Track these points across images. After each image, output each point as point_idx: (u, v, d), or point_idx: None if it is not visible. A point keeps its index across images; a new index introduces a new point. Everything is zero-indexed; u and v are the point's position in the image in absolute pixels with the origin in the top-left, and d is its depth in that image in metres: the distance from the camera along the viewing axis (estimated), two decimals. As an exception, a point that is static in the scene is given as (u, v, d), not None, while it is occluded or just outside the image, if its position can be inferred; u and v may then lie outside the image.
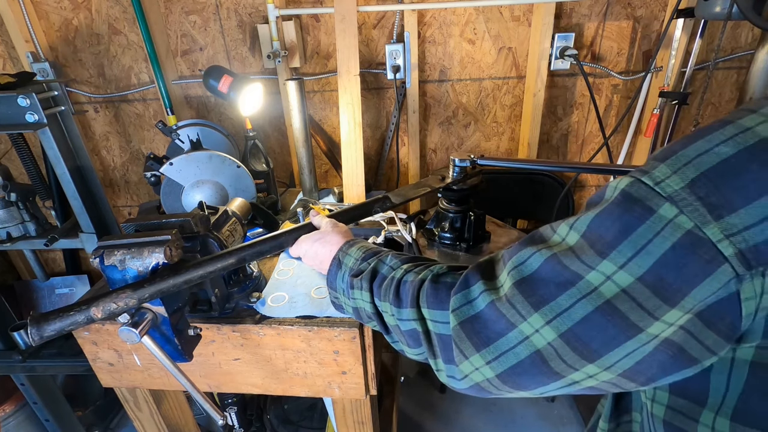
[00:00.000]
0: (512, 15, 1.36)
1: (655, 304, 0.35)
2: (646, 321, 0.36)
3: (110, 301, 0.60)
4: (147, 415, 1.08)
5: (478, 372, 0.46)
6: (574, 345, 0.39)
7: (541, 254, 0.42)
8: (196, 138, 1.14)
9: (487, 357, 0.45)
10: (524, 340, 0.42)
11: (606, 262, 0.37)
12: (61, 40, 1.46)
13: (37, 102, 0.98)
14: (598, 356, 0.39)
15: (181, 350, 0.71)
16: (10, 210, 1.21)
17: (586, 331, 0.38)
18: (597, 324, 0.38)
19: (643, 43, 1.37)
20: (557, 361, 0.41)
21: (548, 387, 0.44)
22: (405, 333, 0.56)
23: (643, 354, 0.37)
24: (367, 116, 1.53)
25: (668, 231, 0.34)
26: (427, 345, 0.52)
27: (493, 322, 0.44)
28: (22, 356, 1.23)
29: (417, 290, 0.54)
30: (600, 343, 0.38)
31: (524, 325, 0.42)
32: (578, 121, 1.51)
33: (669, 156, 0.36)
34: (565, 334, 0.39)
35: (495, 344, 0.44)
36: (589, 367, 0.40)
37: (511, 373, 0.44)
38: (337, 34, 1.18)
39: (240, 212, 0.89)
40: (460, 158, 0.93)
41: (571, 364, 0.40)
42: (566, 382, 0.42)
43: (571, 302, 0.39)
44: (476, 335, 0.45)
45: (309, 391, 0.90)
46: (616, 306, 0.37)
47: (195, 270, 0.65)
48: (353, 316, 0.68)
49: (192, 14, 1.41)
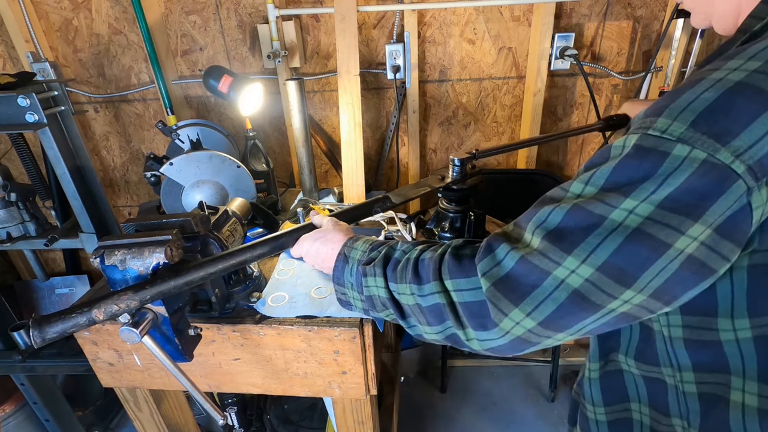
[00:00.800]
0: (512, 15, 1.36)
1: (680, 221, 0.40)
2: (674, 236, 0.40)
3: (112, 303, 0.60)
4: (147, 415, 1.08)
5: (519, 326, 0.48)
6: (611, 273, 0.43)
7: (561, 208, 0.46)
8: (196, 138, 1.14)
9: (527, 309, 0.47)
10: (560, 284, 0.45)
11: (629, 199, 0.42)
12: (61, 40, 1.46)
13: (37, 102, 0.98)
14: (634, 279, 0.42)
15: (182, 350, 0.71)
16: (10, 210, 1.21)
17: (620, 260, 0.42)
18: (629, 251, 0.42)
19: (643, 43, 1.38)
20: (597, 294, 0.44)
21: (586, 322, 0.46)
22: (426, 310, 0.56)
23: (671, 271, 0.42)
24: (367, 116, 1.53)
25: (686, 164, 0.40)
26: (453, 317, 0.53)
27: (526, 275, 0.47)
28: (22, 356, 1.23)
29: (438, 264, 0.55)
30: (635, 266, 0.42)
31: (559, 270, 0.45)
32: (578, 121, 1.51)
33: (662, 110, 0.42)
34: (601, 267, 0.43)
35: (532, 295, 0.46)
36: (627, 292, 0.43)
37: (552, 317, 0.46)
38: (337, 34, 1.18)
39: (240, 212, 0.89)
40: (460, 157, 0.93)
41: (611, 292, 0.44)
42: (603, 312, 0.45)
43: (601, 239, 0.43)
44: (512, 292, 0.47)
45: (309, 391, 0.90)
46: (644, 230, 0.41)
47: (196, 271, 0.65)
48: (363, 309, 0.67)
49: (192, 14, 1.41)
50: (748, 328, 0.46)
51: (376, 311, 0.65)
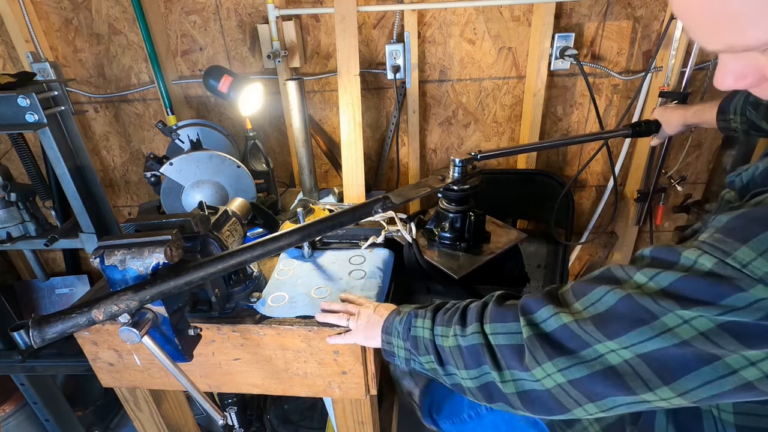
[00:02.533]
0: (512, 15, 1.36)
1: (737, 346, 0.39)
2: (723, 351, 0.40)
3: (112, 303, 0.60)
4: (147, 415, 1.08)
5: (550, 378, 0.50)
6: (651, 365, 0.43)
7: (616, 293, 0.46)
8: (196, 138, 1.14)
9: (560, 365, 0.49)
10: (599, 357, 0.46)
11: (687, 311, 0.41)
12: (61, 40, 1.46)
13: (37, 102, 0.98)
14: (672, 379, 0.43)
15: (182, 350, 0.71)
16: (10, 210, 1.21)
17: (662, 357, 0.43)
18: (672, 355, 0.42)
19: (643, 43, 1.37)
20: (634, 378, 0.44)
21: (618, 400, 0.46)
22: (465, 350, 0.58)
23: (721, 389, 0.41)
24: (367, 116, 1.53)
25: (760, 305, 0.38)
26: (490, 358, 0.56)
27: (567, 340, 0.48)
28: (22, 356, 1.23)
29: (481, 310, 0.60)
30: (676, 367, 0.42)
31: (600, 346, 0.46)
32: (578, 121, 1.51)
33: (750, 238, 0.39)
34: (643, 355, 0.44)
35: (569, 356, 0.48)
36: (665, 390, 0.43)
37: (584, 381, 0.47)
38: (337, 34, 1.18)
39: (240, 212, 0.89)
40: (461, 158, 0.93)
41: (647, 381, 0.44)
42: (637, 399, 0.45)
43: (646, 337, 0.43)
44: (549, 346, 0.49)
45: (309, 391, 0.90)
46: (691, 343, 0.41)
47: (196, 271, 0.65)
48: (405, 359, 0.70)
49: (192, 14, 1.41)
50: None
51: (417, 355, 0.67)
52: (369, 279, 0.94)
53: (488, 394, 0.57)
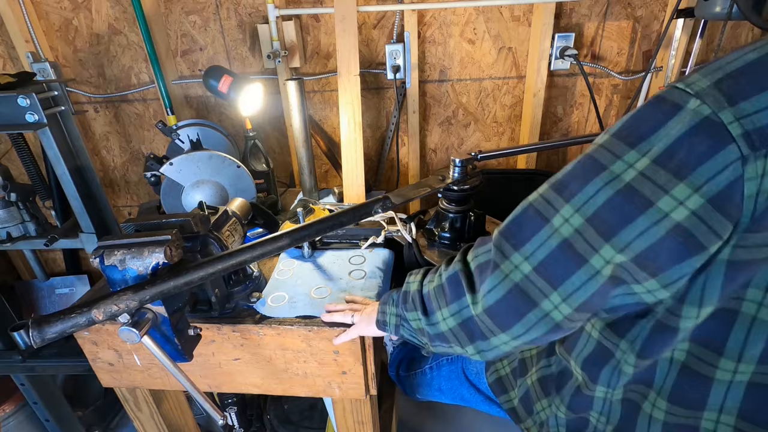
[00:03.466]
0: (512, 15, 1.36)
1: (666, 178, 0.39)
2: (657, 194, 0.40)
3: (111, 303, 0.61)
4: (147, 415, 1.08)
5: (518, 270, 0.51)
6: (596, 225, 0.44)
7: (576, 159, 0.48)
8: (196, 138, 1.14)
9: (526, 253, 0.50)
10: (554, 233, 0.47)
11: (633, 151, 0.42)
12: (61, 40, 1.46)
13: (37, 102, 0.98)
14: (613, 234, 0.43)
15: (181, 350, 0.71)
16: (10, 210, 1.21)
17: (606, 212, 0.43)
18: (616, 205, 0.42)
19: (643, 43, 1.37)
20: (581, 243, 0.45)
21: (574, 278, 0.47)
22: (447, 283, 0.61)
23: (655, 236, 0.40)
24: (367, 116, 1.53)
25: (688, 118, 0.38)
26: (466, 282, 0.57)
27: (529, 220, 0.50)
28: (22, 356, 1.23)
29: (468, 248, 0.62)
30: (617, 220, 0.42)
31: (556, 218, 0.47)
32: (578, 121, 1.51)
33: (704, 67, 0.40)
34: (590, 217, 0.44)
35: (531, 240, 0.50)
36: (606, 248, 0.44)
37: (546, 263, 0.48)
38: (337, 34, 1.18)
39: (240, 212, 0.89)
40: (461, 158, 0.93)
41: (592, 243, 0.45)
42: (588, 270, 0.46)
43: (596, 189, 0.44)
44: (513, 237, 0.52)
45: (309, 391, 0.90)
46: (633, 186, 0.41)
47: (196, 271, 0.65)
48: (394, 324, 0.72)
49: (192, 14, 1.41)
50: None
51: (406, 313, 0.69)
52: (369, 279, 0.94)
53: (469, 332, 0.58)
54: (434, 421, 1.66)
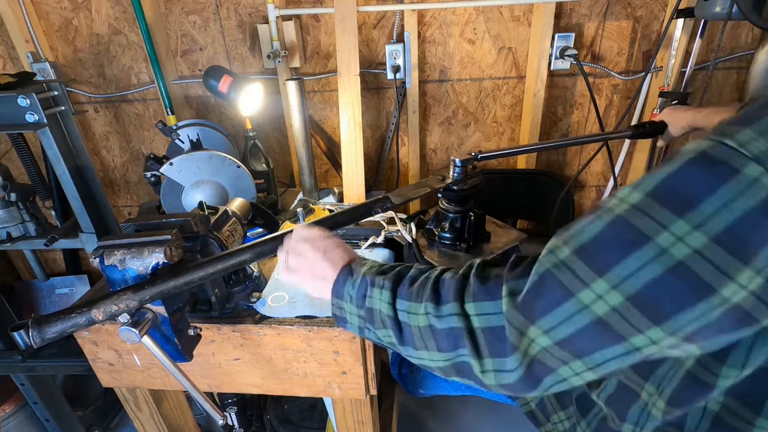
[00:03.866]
0: (512, 15, 1.36)
1: (730, 264, 0.34)
2: (721, 281, 0.35)
3: (111, 303, 0.61)
4: (147, 415, 1.08)
5: (534, 343, 0.44)
6: (641, 307, 0.38)
7: (601, 219, 0.40)
8: (196, 138, 1.14)
9: (544, 326, 0.43)
10: (583, 309, 0.40)
11: (681, 221, 0.36)
12: (61, 40, 1.46)
13: (37, 102, 0.98)
14: (666, 318, 0.37)
15: (181, 350, 0.71)
16: (10, 210, 1.21)
17: (655, 293, 0.37)
18: (668, 286, 0.37)
19: (643, 43, 1.37)
20: (622, 324, 0.39)
21: (607, 353, 0.41)
22: (441, 333, 0.51)
23: (710, 319, 0.36)
24: (367, 116, 1.53)
25: (753, 190, 0.33)
26: (470, 344, 0.49)
27: (547, 292, 0.42)
28: (22, 356, 1.23)
29: (460, 285, 0.51)
30: (669, 302, 0.37)
31: (585, 293, 0.40)
32: (578, 121, 1.51)
33: (753, 121, 0.35)
34: (632, 297, 0.38)
35: (552, 313, 0.42)
36: (655, 330, 0.38)
37: (570, 338, 0.42)
38: (337, 34, 1.18)
39: (240, 212, 0.89)
40: (461, 158, 0.93)
41: (636, 325, 0.39)
42: (627, 347, 0.40)
43: (639, 265, 0.37)
44: (530, 310, 0.44)
45: (309, 391, 0.90)
46: (688, 267, 0.36)
47: (195, 271, 0.65)
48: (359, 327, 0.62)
49: (192, 14, 1.41)
50: None
51: (373, 327, 0.59)
52: (369, 279, 0.94)
53: (461, 373, 0.52)
54: (434, 420, 1.66)
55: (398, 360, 1.27)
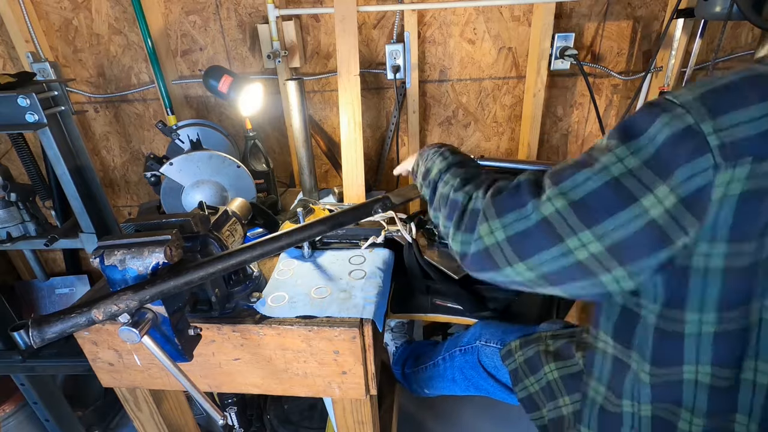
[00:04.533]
0: (512, 15, 1.36)
1: (651, 178, 0.44)
2: (642, 192, 0.44)
3: (111, 303, 0.61)
4: (147, 415, 1.08)
5: (492, 235, 0.55)
6: (579, 212, 0.47)
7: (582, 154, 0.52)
8: (196, 138, 1.14)
9: (505, 221, 0.53)
10: (536, 210, 0.51)
11: (623, 147, 0.46)
12: (61, 40, 1.46)
13: (37, 102, 0.98)
14: (596, 222, 0.47)
15: (182, 350, 0.71)
16: (10, 210, 1.21)
17: (592, 201, 0.47)
18: (603, 195, 0.46)
19: (643, 43, 1.37)
20: (562, 225, 0.49)
21: (544, 254, 0.51)
22: (450, 202, 0.64)
23: (632, 229, 0.45)
24: (367, 116, 1.53)
25: (674, 123, 0.43)
26: (457, 217, 0.61)
27: (519, 195, 0.53)
28: (22, 356, 1.23)
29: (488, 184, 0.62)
30: (602, 209, 0.46)
31: (541, 198, 0.51)
32: (578, 121, 1.51)
33: (690, 85, 0.45)
34: (574, 203, 0.48)
35: (513, 212, 0.53)
36: (586, 233, 0.47)
37: (520, 236, 0.52)
38: (337, 34, 1.18)
39: (240, 212, 0.89)
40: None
41: (572, 226, 0.48)
42: (561, 249, 0.49)
43: (584, 178, 0.48)
44: (500, 202, 0.55)
45: (309, 391, 0.90)
46: (621, 181, 0.46)
47: (196, 271, 0.65)
48: (419, 177, 0.79)
49: (192, 14, 1.41)
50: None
51: (424, 183, 0.76)
52: (369, 279, 0.94)
53: (445, 233, 0.65)
54: (434, 420, 1.66)
55: (401, 360, 1.27)
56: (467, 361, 1.01)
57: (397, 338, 1.39)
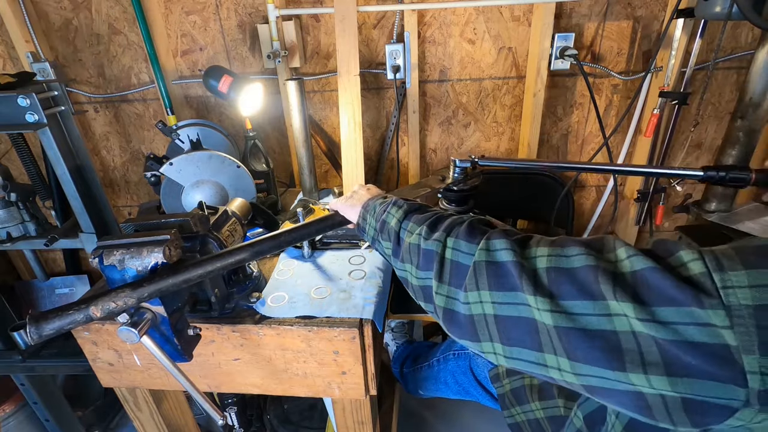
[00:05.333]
0: (512, 15, 1.36)
1: (641, 362, 0.38)
2: (634, 368, 0.38)
3: (109, 300, 0.60)
4: (147, 415, 1.08)
5: (481, 305, 0.50)
6: (563, 340, 0.42)
7: (587, 259, 0.43)
8: (196, 138, 1.14)
9: (495, 298, 0.48)
10: (527, 306, 0.45)
11: (638, 306, 0.38)
12: (61, 40, 1.46)
13: (37, 102, 0.98)
14: (576, 360, 0.42)
15: (181, 350, 0.71)
16: (10, 210, 1.21)
17: (579, 341, 0.41)
18: (592, 342, 0.40)
19: (643, 43, 1.37)
20: (545, 337, 0.44)
21: (524, 353, 0.47)
22: (422, 252, 0.59)
23: (612, 387, 0.40)
24: (367, 116, 1.53)
25: (708, 333, 0.34)
26: (437, 267, 0.56)
27: (512, 277, 0.47)
28: (22, 356, 1.23)
29: (454, 225, 0.58)
30: (583, 355, 0.41)
31: (532, 299, 0.44)
32: (578, 121, 1.51)
33: (757, 266, 0.34)
34: (561, 330, 0.42)
35: (506, 293, 0.47)
36: (564, 362, 0.43)
37: (506, 320, 0.47)
38: (337, 34, 1.18)
39: (240, 212, 0.89)
40: (461, 159, 0.93)
41: (555, 346, 0.43)
42: (539, 359, 0.45)
43: (584, 312, 0.41)
44: (495, 278, 0.49)
45: (309, 391, 0.90)
46: (619, 344, 0.39)
47: (194, 269, 0.65)
48: (372, 237, 0.72)
49: (192, 14, 1.41)
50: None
51: (381, 239, 0.69)
52: (369, 279, 0.94)
53: (426, 296, 0.59)
54: (434, 420, 1.66)
55: (400, 359, 1.27)
56: (459, 366, 1.02)
57: (398, 338, 1.40)
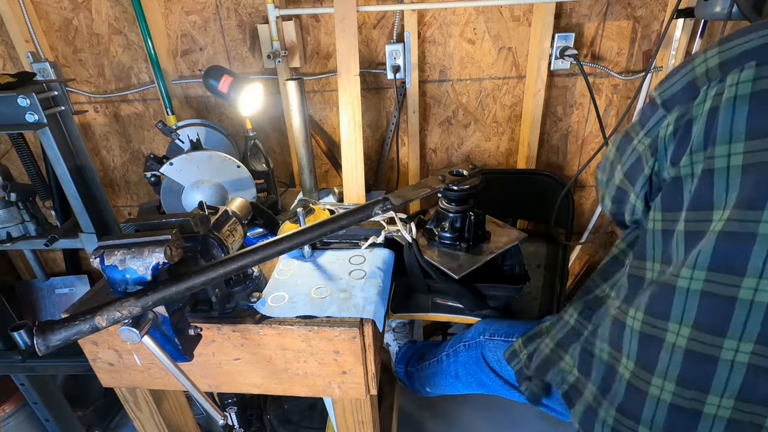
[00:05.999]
0: (512, 15, 1.36)
1: (638, 129, 0.65)
2: (637, 134, 0.65)
3: (114, 310, 0.61)
4: (147, 415, 1.08)
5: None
6: (617, 148, 0.70)
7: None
8: (196, 138, 1.14)
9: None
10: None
11: (637, 124, 0.66)
12: (61, 40, 1.46)
13: (37, 102, 0.98)
14: (620, 157, 0.68)
15: (182, 350, 0.71)
16: (10, 210, 1.21)
17: (619, 145, 0.70)
18: (623, 143, 0.68)
19: (643, 43, 1.37)
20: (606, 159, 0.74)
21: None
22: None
23: (631, 160, 0.66)
24: (367, 116, 1.53)
25: (650, 98, 0.64)
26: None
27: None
28: (22, 356, 1.23)
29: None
30: (622, 150, 0.68)
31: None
32: (578, 121, 1.51)
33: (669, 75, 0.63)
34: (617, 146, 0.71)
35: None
36: (618, 167, 0.69)
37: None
38: (337, 34, 1.18)
39: (240, 212, 0.89)
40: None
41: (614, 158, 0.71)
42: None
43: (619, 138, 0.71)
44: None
45: (309, 391, 0.90)
46: (628, 134, 0.68)
47: (198, 277, 0.65)
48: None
49: (192, 14, 1.41)
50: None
51: None
52: (369, 279, 0.94)
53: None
54: (434, 420, 1.66)
55: (405, 358, 1.27)
56: (471, 356, 1.01)
57: (400, 338, 1.40)
